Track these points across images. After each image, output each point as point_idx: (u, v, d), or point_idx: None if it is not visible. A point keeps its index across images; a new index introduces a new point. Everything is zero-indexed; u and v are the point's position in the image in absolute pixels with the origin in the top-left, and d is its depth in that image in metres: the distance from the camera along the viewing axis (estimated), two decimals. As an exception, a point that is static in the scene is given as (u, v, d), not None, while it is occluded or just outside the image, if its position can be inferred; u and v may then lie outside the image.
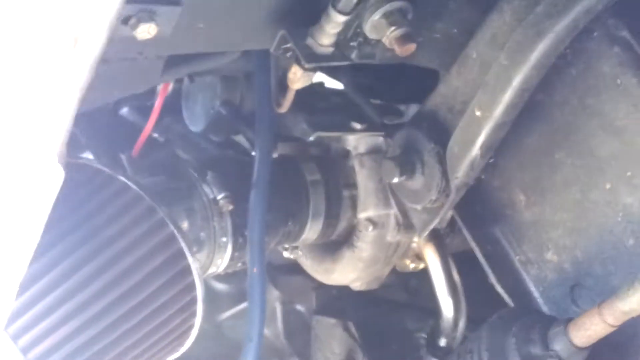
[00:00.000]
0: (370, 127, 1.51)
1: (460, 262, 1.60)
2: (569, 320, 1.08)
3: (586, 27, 1.09)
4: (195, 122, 1.63)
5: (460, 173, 1.21)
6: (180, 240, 1.18)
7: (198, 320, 1.25)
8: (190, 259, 1.19)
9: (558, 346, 1.08)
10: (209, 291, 2.03)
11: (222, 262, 1.43)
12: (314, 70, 1.15)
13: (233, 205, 1.38)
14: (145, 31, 1.01)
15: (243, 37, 1.14)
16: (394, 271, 1.77)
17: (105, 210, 1.15)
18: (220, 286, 2.06)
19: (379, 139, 1.51)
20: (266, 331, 2.02)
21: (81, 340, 1.09)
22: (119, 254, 1.14)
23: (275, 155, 1.52)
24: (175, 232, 1.18)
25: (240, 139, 1.71)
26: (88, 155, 1.51)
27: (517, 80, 1.07)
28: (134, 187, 1.18)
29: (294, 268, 1.79)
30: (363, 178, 1.51)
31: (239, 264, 1.47)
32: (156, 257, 1.16)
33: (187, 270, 1.20)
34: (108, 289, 1.11)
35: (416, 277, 1.84)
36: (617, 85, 1.10)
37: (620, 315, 1.02)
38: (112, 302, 1.12)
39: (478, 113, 1.14)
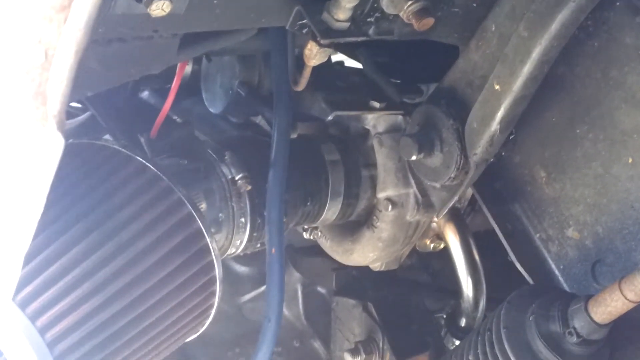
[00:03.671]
0: (390, 105, 1.50)
1: (482, 241, 1.59)
2: (589, 297, 1.07)
3: (607, -3, 1.08)
4: (214, 103, 1.63)
5: (479, 149, 1.20)
6: (198, 219, 1.18)
7: (217, 300, 1.25)
8: (208, 238, 1.19)
9: (578, 323, 1.07)
10: (230, 274, 2.05)
11: (241, 242, 1.42)
12: (330, 46, 1.14)
13: (251, 185, 1.38)
14: (160, 8, 1.00)
15: (258, 13, 1.13)
16: (415, 253, 1.77)
17: (123, 190, 1.15)
18: (241, 269, 2.07)
19: (398, 118, 1.49)
20: (287, 313, 2.03)
21: (101, 319, 1.09)
22: (138, 233, 1.13)
23: (294, 135, 1.51)
24: (193, 211, 1.18)
25: (259, 120, 1.71)
26: (107, 138, 1.51)
27: (536, 52, 1.05)
28: (152, 167, 1.18)
29: (315, 250, 1.79)
30: (382, 157, 1.49)
31: (258, 245, 1.46)
32: (175, 236, 1.16)
33: (205, 250, 1.19)
34: (127, 268, 1.11)
35: (438, 259, 1.83)
36: (639, 57, 1.08)
37: (641, 292, 1.00)
38: (132, 281, 1.12)
39: (497, 87, 1.12)
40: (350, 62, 1.71)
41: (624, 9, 1.09)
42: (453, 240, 1.58)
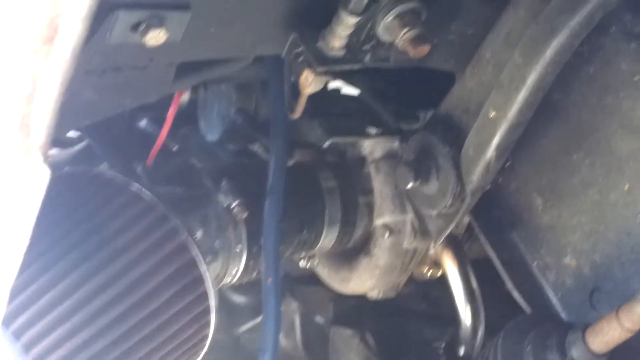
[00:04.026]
0: (386, 131, 1.50)
1: (480, 269, 1.58)
2: (587, 326, 1.06)
3: (602, 23, 1.07)
4: (211, 131, 1.63)
5: (476, 177, 1.20)
6: (193, 248, 1.17)
7: (211, 330, 1.24)
8: (202, 267, 1.18)
9: (576, 353, 1.06)
10: (227, 303, 2.03)
11: (237, 271, 1.41)
12: (326, 74, 1.14)
13: (247, 212, 1.37)
14: (155, 37, 1.00)
15: (254, 41, 1.13)
16: (413, 281, 1.75)
17: (116, 219, 1.15)
18: (238, 298, 2.05)
19: (394, 144, 1.49)
20: (284, 343, 2.01)
21: (94, 350, 1.08)
22: (130, 264, 1.13)
23: (291, 162, 1.51)
24: (188, 240, 1.17)
25: (257, 147, 1.70)
26: (103, 167, 1.51)
27: (531, 79, 1.06)
28: (147, 195, 1.17)
29: (313, 279, 1.78)
30: (379, 183, 1.49)
31: (254, 274, 1.46)
32: (168, 266, 1.16)
33: (199, 280, 1.19)
34: (119, 299, 1.11)
35: (436, 287, 1.82)
36: (635, 82, 1.08)
37: (639, 319, 0.99)
38: (124, 313, 1.11)
39: (492, 114, 1.12)
40: (347, 91, 1.71)
41: (619, 35, 1.09)
42: (451, 268, 1.57)
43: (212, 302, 1.21)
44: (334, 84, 1.73)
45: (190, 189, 1.39)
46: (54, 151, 1.75)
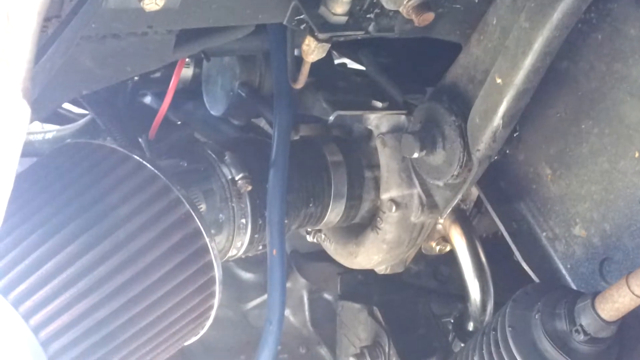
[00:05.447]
0: (392, 105, 1.48)
1: (489, 245, 1.56)
2: (596, 293, 1.04)
3: (611, -12, 1.05)
4: (215, 105, 1.62)
5: (482, 145, 1.17)
6: (197, 218, 1.16)
7: (217, 301, 1.23)
8: (207, 237, 1.17)
9: (585, 321, 1.04)
10: (235, 280, 2.03)
11: (242, 244, 1.40)
12: (328, 41, 1.12)
13: (252, 185, 1.36)
14: (153, 2, 0.98)
15: (255, 9, 1.11)
16: (423, 258, 1.74)
17: (120, 188, 1.14)
18: (246, 275, 2.05)
19: (401, 118, 1.47)
20: (293, 319, 2.01)
21: (97, 318, 1.07)
22: (135, 232, 1.12)
23: (296, 137, 1.49)
24: (192, 210, 1.16)
25: (261, 122, 1.69)
26: (107, 140, 1.50)
27: (538, 43, 1.03)
28: (149, 165, 1.16)
29: (321, 255, 1.77)
30: (385, 157, 1.47)
31: (260, 247, 1.44)
32: (172, 235, 1.14)
33: (204, 249, 1.17)
34: (123, 267, 1.09)
35: (446, 264, 1.81)
36: (644, 48, 1.06)
37: (649, 287, 0.97)
38: (128, 280, 1.10)
39: (499, 80, 1.10)
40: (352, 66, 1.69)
41: (628, 1, 1.06)
42: (459, 242, 1.55)
43: (218, 272, 1.20)
44: (340, 60, 1.72)
45: (194, 162, 1.38)
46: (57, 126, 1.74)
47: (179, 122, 1.59)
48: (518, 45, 1.05)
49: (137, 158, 1.17)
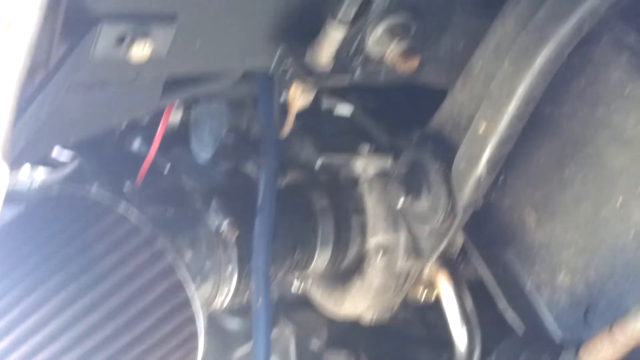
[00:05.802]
0: (379, 149, 1.49)
1: (476, 291, 1.56)
2: (580, 344, 1.04)
3: (593, 33, 1.07)
4: (203, 150, 1.62)
5: (467, 192, 1.18)
6: (180, 271, 1.15)
7: (199, 355, 1.22)
8: (190, 290, 1.16)
9: (570, 373, 1.04)
10: (220, 328, 2.00)
11: (228, 292, 1.39)
12: (314, 88, 1.13)
13: (238, 232, 1.36)
14: (140, 51, 0.99)
15: (241, 55, 1.12)
16: (410, 305, 1.73)
17: (102, 241, 1.14)
18: (232, 323, 2.02)
19: (387, 162, 1.48)
20: (279, 369, 1.98)
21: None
22: (116, 286, 1.11)
23: (283, 183, 1.50)
24: (175, 262, 1.16)
25: (249, 166, 1.69)
26: (93, 188, 1.50)
27: (521, 89, 1.04)
28: (132, 217, 1.16)
29: (307, 302, 1.76)
30: (372, 202, 1.48)
31: (246, 295, 1.44)
32: (154, 289, 1.14)
33: (187, 302, 1.17)
34: (104, 323, 1.09)
35: (433, 311, 1.80)
36: (625, 95, 1.07)
37: (633, 336, 0.97)
38: (108, 337, 1.09)
39: (483, 127, 1.11)
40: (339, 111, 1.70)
41: (610, 46, 1.08)
42: (446, 289, 1.54)
43: (200, 325, 1.19)
44: (326, 105, 1.73)
45: (180, 209, 1.38)
46: (45, 171, 1.74)
47: (167, 167, 1.59)
48: (502, 90, 1.06)
49: (121, 209, 1.17)
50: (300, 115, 1.31)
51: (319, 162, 1.44)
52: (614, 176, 1.11)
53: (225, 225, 1.35)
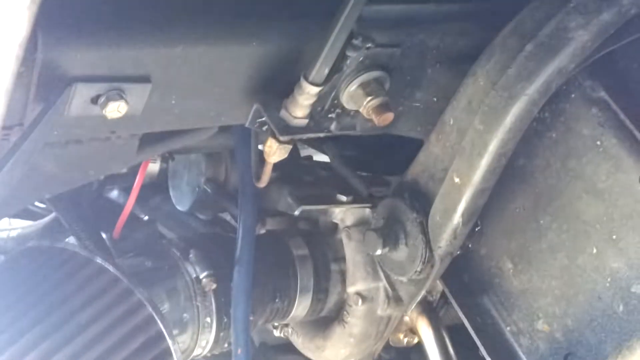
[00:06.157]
0: (357, 199, 1.49)
1: (457, 335, 1.56)
2: (560, 393, 1.04)
3: (563, 89, 1.09)
4: (181, 200, 1.62)
5: (443, 242, 1.19)
6: (158, 322, 1.15)
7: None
8: (169, 340, 1.16)
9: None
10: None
11: (207, 343, 1.39)
12: (290, 143, 1.14)
13: (217, 283, 1.36)
14: (115, 110, 1.00)
15: (217, 112, 1.13)
16: (394, 347, 1.73)
17: (80, 293, 1.14)
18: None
19: (365, 211, 1.49)
20: (260, 419, 1.96)
21: None
22: (95, 339, 1.11)
23: (263, 230, 1.50)
24: (154, 313, 1.15)
25: (228, 216, 1.69)
26: (71, 239, 1.49)
27: (493, 145, 1.06)
28: (111, 268, 1.16)
29: (290, 348, 1.75)
30: (351, 251, 1.48)
31: (226, 345, 1.43)
32: (133, 340, 1.14)
33: (166, 353, 1.17)
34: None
35: (417, 352, 1.80)
36: (597, 147, 1.09)
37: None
38: (89, 389, 1.08)
39: (457, 180, 1.12)
40: (319, 156, 1.71)
41: (580, 101, 1.10)
42: (426, 334, 1.55)
43: None
44: (306, 152, 1.74)
45: (158, 260, 1.38)
46: (22, 223, 1.74)
47: (145, 218, 1.59)
48: (474, 146, 1.08)
49: (99, 261, 1.17)
50: (278, 163, 1.31)
51: (297, 212, 1.44)
52: (588, 227, 1.12)
53: (203, 277, 1.35)
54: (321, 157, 1.72)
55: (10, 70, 0.78)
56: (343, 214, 1.49)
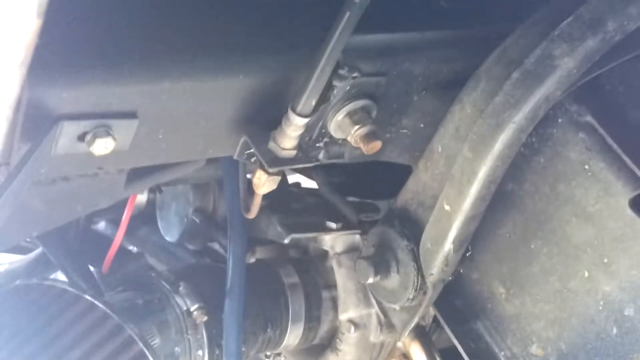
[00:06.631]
0: (346, 225, 1.49)
1: (450, 358, 1.55)
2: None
3: (550, 114, 1.09)
4: (170, 231, 1.61)
5: (435, 269, 1.19)
6: (150, 357, 1.14)
7: None
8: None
9: None
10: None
11: (200, 375, 1.38)
12: (278, 174, 1.14)
13: (207, 315, 1.35)
14: (103, 146, 0.99)
15: (205, 146, 1.13)
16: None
17: (70, 331, 1.13)
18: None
19: (355, 238, 1.49)
20: None
21: None
22: None
23: (252, 259, 1.49)
24: (145, 349, 1.15)
25: (217, 246, 1.69)
26: (58, 275, 1.48)
27: (482, 172, 1.06)
28: (100, 305, 1.15)
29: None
30: (342, 278, 1.48)
31: (219, 376, 1.42)
32: None
33: None
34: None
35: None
36: (585, 171, 1.09)
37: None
38: None
39: (447, 207, 1.12)
40: (308, 183, 1.71)
41: (567, 125, 1.10)
42: (419, 359, 1.54)
43: None
44: (294, 178, 1.74)
45: (148, 294, 1.37)
46: (10, 257, 1.72)
47: (134, 250, 1.58)
48: (463, 174, 1.08)
49: (88, 298, 1.16)
50: (264, 194, 1.31)
51: (286, 241, 1.43)
52: (578, 250, 1.12)
53: (194, 310, 1.34)
54: (309, 183, 1.72)
55: (2, 131, 0.77)
56: (333, 241, 1.49)
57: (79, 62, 0.95)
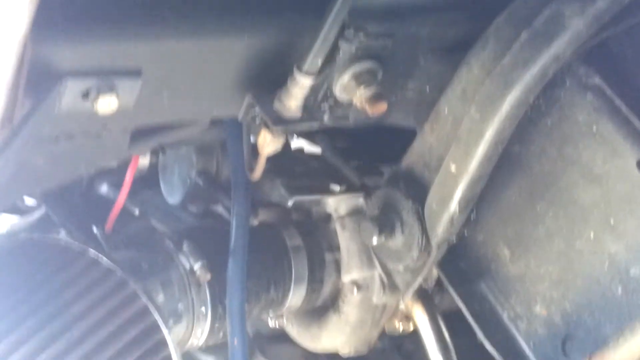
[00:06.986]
0: (350, 188, 1.49)
1: (453, 321, 1.56)
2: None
3: (558, 76, 1.08)
4: (172, 193, 1.61)
5: (440, 230, 1.19)
6: (153, 312, 1.15)
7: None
8: (164, 331, 1.16)
9: (551, 405, 1.04)
10: (196, 365, 1.98)
11: (202, 333, 1.39)
12: (283, 134, 1.13)
13: (210, 274, 1.35)
14: (106, 105, 0.99)
15: (209, 105, 1.12)
16: (386, 335, 1.73)
17: (74, 285, 1.14)
18: (207, 359, 2.01)
19: (359, 200, 1.48)
20: (256, 410, 1.96)
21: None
22: (90, 330, 1.12)
23: (256, 222, 1.49)
24: (149, 303, 1.15)
25: (220, 208, 1.68)
26: (61, 234, 1.48)
27: (489, 133, 1.05)
28: (104, 260, 1.16)
29: (284, 337, 1.75)
30: (345, 240, 1.48)
31: (221, 335, 1.43)
32: (129, 331, 1.14)
33: (162, 343, 1.17)
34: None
35: (410, 340, 1.80)
36: (593, 133, 1.09)
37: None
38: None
39: (453, 168, 1.11)
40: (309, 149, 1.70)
41: (575, 88, 1.09)
42: (422, 322, 1.54)
43: None
44: (297, 143, 1.73)
45: (151, 253, 1.37)
46: (12, 218, 1.72)
47: (137, 212, 1.58)
48: (470, 135, 1.07)
49: (92, 253, 1.17)
50: (270, 156, 1.30)
51: (290, 203, 1.43)
52: (584, 212, 1.12)
53: (197, 268, 1.35)
54: (312, 150, 1.71)
55: (11, 66, 0.77)
56: (336, 204, 1.49)
57: (83, 19, 0.95)
